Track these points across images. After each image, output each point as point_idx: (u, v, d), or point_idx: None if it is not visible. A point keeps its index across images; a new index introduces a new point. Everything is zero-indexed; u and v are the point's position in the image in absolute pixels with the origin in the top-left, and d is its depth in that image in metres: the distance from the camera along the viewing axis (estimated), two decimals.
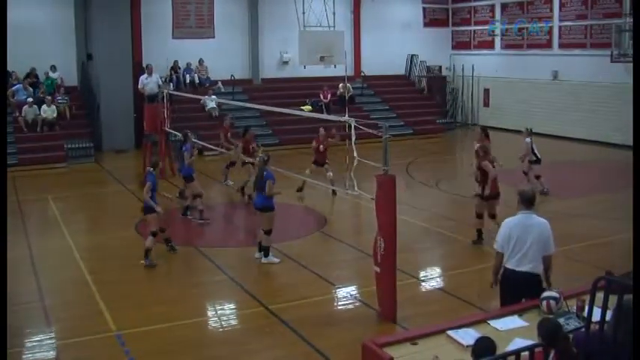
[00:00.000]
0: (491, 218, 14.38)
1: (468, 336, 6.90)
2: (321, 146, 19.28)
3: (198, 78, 32.17)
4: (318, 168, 19.37)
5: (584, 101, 29.44)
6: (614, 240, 14.62)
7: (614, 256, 12.92)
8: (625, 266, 7.52)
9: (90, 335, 10.67)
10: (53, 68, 29.92)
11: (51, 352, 10.24)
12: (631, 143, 17.74)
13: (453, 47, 37.96)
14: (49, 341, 10.60)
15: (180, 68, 31.94)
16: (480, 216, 14.57)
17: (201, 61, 32.47)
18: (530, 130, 19.63)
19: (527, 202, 8.43)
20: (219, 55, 32.63)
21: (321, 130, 19.80)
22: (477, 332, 6.89)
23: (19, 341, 10.68)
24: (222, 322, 11.50)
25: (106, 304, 11.81)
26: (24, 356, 10.27)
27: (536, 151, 19.11)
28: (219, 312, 11.93)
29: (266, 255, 13.86)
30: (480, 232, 14.54)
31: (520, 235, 8.26)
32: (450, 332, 7.14)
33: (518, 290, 8.25)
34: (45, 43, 29.59)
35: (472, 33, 36.72)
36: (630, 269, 6.53)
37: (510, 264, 8.34)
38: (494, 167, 14.38)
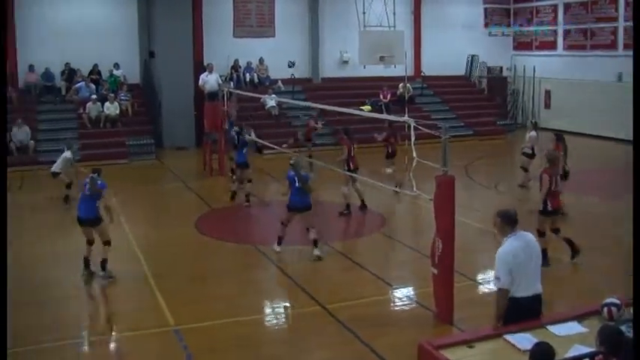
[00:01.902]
0: (554, 233, 13.67)
1: (525, 341, 6.84)
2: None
3: (259, 77, 32.35)
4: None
5: None
6: None
7: None
8: None
9: (148, 329, 10.85)
10: (116, 66, 30.40)
11: (110, 345, 10.43)
12: None
13: (514, 48, 37.53)
14: (109, 333, 10.80)
15: (240, 67, 32.16)
16: (541, 234, 13.18)
17: (261, 60, 32.65)
18: (535, 123, 19.79)
19: (514, 221, 7.92)
20: (280, 54, 32.76)
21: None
22: (535, 337, 6.82)
23: (77, 333, 10.92)
24: (279, 320, 11.60)
25: (165, 298, 11.97)
26: (82, 347, 10.50)
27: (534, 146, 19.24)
28: (276, 310, 12.02)
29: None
30: (544, 252, 13.88)
31: (524, 257, 7.70)
32: (507, 336, 7.08)
33: (528, 316, 7.65)
34: (109, 41, 30.11)
35: (534, 33, 36.29)
36: None
37: (519, 292, 7.69)
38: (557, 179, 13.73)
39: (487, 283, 12.89)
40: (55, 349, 10.17)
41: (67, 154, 19.07)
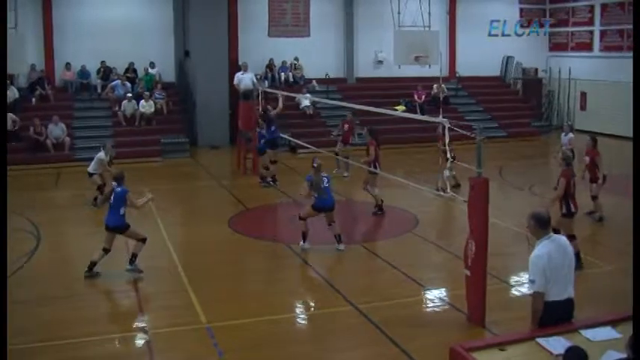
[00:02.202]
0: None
1: (558, 344, 6.78)
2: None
3: (293, 76, 32.41)
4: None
5: None
6: None
7: None
8: None
9: (180, 326, 10.90)
10: (152, 64, 30.64)
11: (142, 341, 10.50)
12: None
13: (550, 49, 37.21)
14: (141, 330, 10.88)
15: (275, 66, 32.25)
16: (571, 237, 12.67)
17: (296, 60, 32.71)
18: (571, 125, 19.33)
19: (548, 224, 7.83)
20: (314, 54, 32.82)
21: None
22: (568, 341, 6.76)
23: (113, 328, 11.05)
24: (311, 320, 11.60)
25: (197, 296, 12.03)
26: (117, 343, 10.62)
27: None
28: (307, 309, 12.03)
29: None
30: (577, 255, 13.72)
31: (558, 260, 7.60)
32: (539, 340, 7.03)
33: (561, 320, 7.53)
34: (144, 40, 30.39)
35: (570, 34, 35.96)
36: None
37: (552, 296, 7.57)
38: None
39: (520, 285, 12.81)
40: (88, 344, 10.27)
41: (101, 154, 19.07)
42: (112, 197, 13.09)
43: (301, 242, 14.59)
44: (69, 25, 29.81)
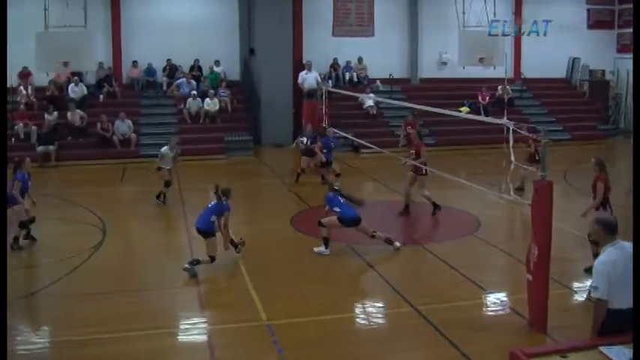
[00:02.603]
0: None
1: (622, 354, 6.66)
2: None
3: (357, 76, 32.43)
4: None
5: None
6: None
7: None
8: None
9: (241, 323, 11.02)
10: (217, 63, 30.96)
11: (203, 336, 10.63)
12: None
13: (618, 50, 36.52)
14: (202, 325, 11.01)
15: (339, 66, 32.31)
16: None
17: (360, 60, 32.72)
18: None
19: (614, 230, 7.60)
20: (378, 54, 32.83)
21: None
22: (631, 351, 6.66)
23: (173, 323, 11.20)
24: (370, 320, 11.60)
25: (258, 294, 12.13)
26: (178, 337, 10.82)
27: None
28: (367, 309, 12.03)
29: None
30: (596, 257, 13.49)
31: (623, 268, 7.35)
32: (602, 348, 6.91)
33: (625, 329, 7.19)
34: (210, 38, 30.77)
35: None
36: None
37: (616, 304, 7.37)
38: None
39: (583, 291, 12.62)
40: (149, 337, 10.44)
41: (165, 149, 19.36)
42: (212, 203, 13.52)
43: (322, 247, 14.56)
44: (136, 23, 30.32)
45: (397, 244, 14.54)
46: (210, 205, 13.54)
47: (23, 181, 14.86)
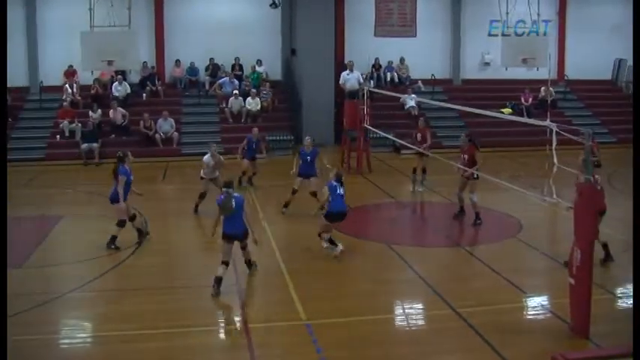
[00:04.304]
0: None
1: None
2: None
3: (399, 76, 32.37)
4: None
5: None
6: None
7: None
8: None
9: (280, 322, 11.10)
10: (259, 62, 31.10)
11: (243, 334, 10.66)
12: None
13: None
14: (242, 323, 11.06)
15: (381, 66, 32.26)
16: None
17: (402, 60, 32.65)
18: None
19: None
20: (420, 54, 32.74)
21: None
22: None
23: (213, 320, 11.35)
24: (409, 321, 11.57)
25: (298, 293, 12.17)
26: (219, 335, 11.03)
27: None
28: (406, 310, 11.99)
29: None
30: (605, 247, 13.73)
31: None
32: None
33: None
34: (252, 38, 30.94)
35: None
36: None
37: None
38: None
39: (626, 297, 12.46)
40: (191, 334, 10.54)
41: (206, 157, 18.55)
42: (233, 204, 12.33)
43: (325, 244, 14.45)
44: (179, 23, 30.56)
45: (339, 247, 14.21)
46: (236, 207, 12.38)
47: (127, 175, 14.94)
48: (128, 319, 10.98)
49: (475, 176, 17.14)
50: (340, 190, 14.40)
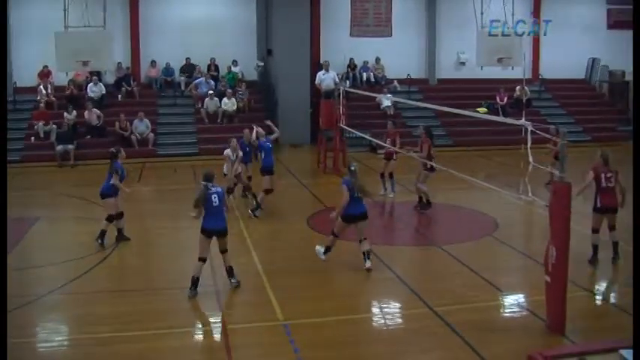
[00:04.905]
0: (610, 230, 13.74)
1: None
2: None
3: (375, 76, 32.42)
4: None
5: None
6: None
7: None
8: None
9: (257, 322, 11.10)
10: (235, 63, 31.04)
11: (220, 336, 10.64)
12: None
13: None
14: (219, 324, 11.03)
15: (357, 66, 32.31)
16: (594, 230, 13.71)
17: (377, 60, 32.71)
18: None
19: None
20: (396, 54, 32.80)
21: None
22: None
23: (190, 322, 11.27)
24: (387, 321, 11.59)
25: (275, 293, 12.16)
26: (195, 336, 10.92)
27: None
28: (384, 310, 12.02)
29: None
30: (595, 248, 13.76)
31: None
32: (622, 351, 6.86)
33: None
34: (227, 38, 30.93)
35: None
36: None
37: None
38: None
39: (602, 294, 12.57)
40: (166, 336, 10.50)
41: (227, 151, 18.53)
42: (215, 199, 12.25)
43: (322, 250, 13.95)
44: (154, 23, 30.45)
45: (369, 264, 13.49)
46: (215, 202, 12.27)
47: (122, 171, 14.93)
48: (105, 322, 10.91)
49: (429, 167, 17.59)
50: (354, 192, 13.48)
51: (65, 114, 27.24)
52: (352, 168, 13.70)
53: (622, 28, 36.09)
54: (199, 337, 10.93)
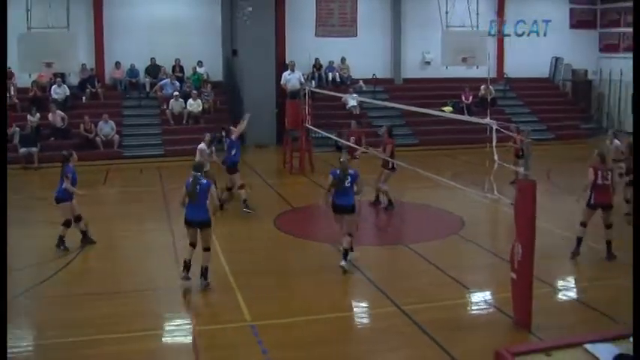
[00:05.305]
0: (606, 228, 13.96)
1: (606, 352, 6.66)
2: None
3: (340, 76, 32.45)
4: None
5: None
6: None
7: None
8: None
9: (225, 324, 11.04)
10: (200, 63, 30.90)
11: (187, 337, 10.61)
12: None
13: (601, 50, 36.68)
14: (187, 326, 10.99)
15: (322, 66, 32.32)
16: (582, 224, 14.06)
17: (343, 60, 32.74)
18: (615, 133, 20.07)
19: None
20: (361, 54, 32.82)
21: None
22: (617, 348, 6.66)
23: (157, 324, 11.15)
24: (355, 320, 11.63)
25: (242, 294, 12.14)
26: (162, 339, 10.82)
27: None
28: (352, 309, 12.06)
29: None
30: (579, 241, 14.06)
31: None
32: (587, 346, 6.91)
33: None
34: (192, 39, 30.74)
35: (621, 35, 35.41)
36: None
37: None
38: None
39: (567, 290, 12.70)
40: (132, 339, 10.40)
41: (201, 145, 18.46)
42: (197, 189, 12.34)
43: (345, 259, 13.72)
44: (119, 24, 30.19)
45: (343, 263, 13.48)
46: (198, 195, 12.35)
47: (73, 175, 14.77)
48: (72, 326, 10.80)
49: (390, 166, 17.76)
50: (348, 183, 13.39)
51: (28, 116, 26.93)
52: (341, 159, 13.71)
53: (584, 28, 36.57)
54: (167, 339, 10.85)
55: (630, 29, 34.55)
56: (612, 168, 14.31)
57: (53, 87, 28.59)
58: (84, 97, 29.32)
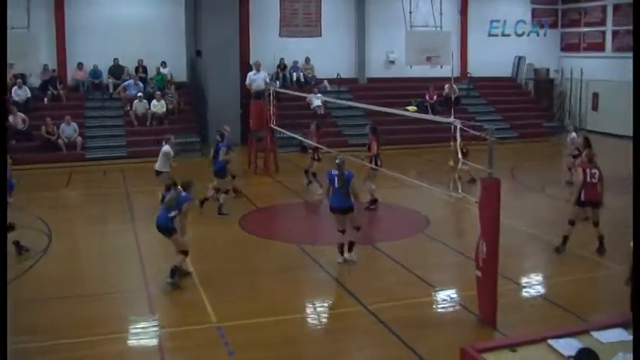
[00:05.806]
0: (593, 226, 14.14)
1: (569, 346, 6.74)
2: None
3: (304, 76, 32.45)
4: None
5: None
6: None
7: None
8: None
9: (191, 325, 10.97)
10: (163, 64, 30.72)
11: (153, 340, 10.53)
12: None
13: (562, 49, 37.08)
14: (152, 329, 10.92)
15: (286, 66, 32.30)
16: (571, 222, 14.18)
17: (307, 60, 32.74)
18: (575, 126, 20.93)
19: None
20: (326, 54, 32.84)
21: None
22: (580, 343, 6.73)
23: (123, 327, 11.04)
24: (321, 320, 11.61)
25: (208, 295, 12.09)
26: (128, 342, 10.68)
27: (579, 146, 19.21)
28: (318, 309, 12.04)
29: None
30: (565, 239, 14.22)
31: None
32: (550, 341, 6.99)
33: None
34: (155, 39, 30.51)
35: (582, 35, 35.80)
36: None
37: None
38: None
39: (531, 287, 12.81)
40: (98, 343, 10.31)
41: (166, 148, 18.27)
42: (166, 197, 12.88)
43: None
44: (81, 24, 29.88)
45: (340, 259, 13.84)
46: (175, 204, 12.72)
47: (9, 180, 14.40)
48: (35, 331, 10.64)
49: (375, 164, 17.71)
50: (337, 183, 13.56)
51: None
52: (337, 161, 13.68)
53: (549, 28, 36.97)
54: (133, 342, 10.73)
55: (590, 29, 35.10)
56: (599, 167, 14.41)
57: (14, 88, 28.21)
58: (46, 99, 28.98)
